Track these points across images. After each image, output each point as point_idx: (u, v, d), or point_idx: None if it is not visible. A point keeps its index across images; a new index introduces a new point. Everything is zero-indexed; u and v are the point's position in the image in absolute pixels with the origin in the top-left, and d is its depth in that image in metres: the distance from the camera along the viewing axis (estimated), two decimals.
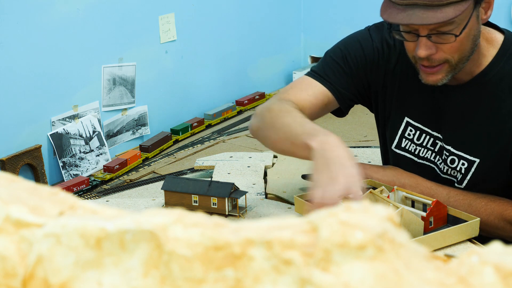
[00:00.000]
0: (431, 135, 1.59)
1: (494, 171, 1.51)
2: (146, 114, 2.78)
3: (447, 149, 1.56)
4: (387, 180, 1.55)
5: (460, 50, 1.41)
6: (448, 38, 1.39)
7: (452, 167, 1.55)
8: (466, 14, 1.38)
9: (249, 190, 1.73)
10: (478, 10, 1.41)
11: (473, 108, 1.52)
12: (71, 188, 2.23)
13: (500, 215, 1.47)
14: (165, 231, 0.53)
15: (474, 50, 1.44)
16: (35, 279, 0.54)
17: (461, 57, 1.43)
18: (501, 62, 1.49)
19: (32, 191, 0.63)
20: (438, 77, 1.44)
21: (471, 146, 1.53)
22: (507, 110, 1.48)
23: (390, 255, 0.50)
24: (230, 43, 3.23)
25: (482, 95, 1.51)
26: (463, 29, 1.38)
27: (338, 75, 1.62)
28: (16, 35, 2.22)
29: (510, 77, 1.47)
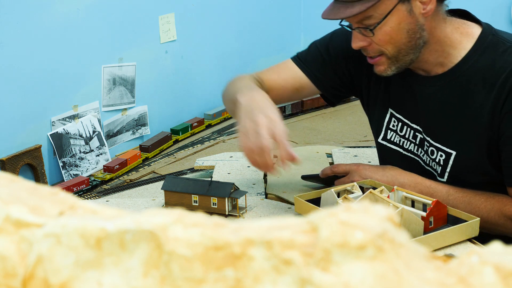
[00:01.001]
0: (411, 127, 1.63)
1: (472, 164, 1.53)
2: (146, 114, 2.77)
3: (427, 140, 1.59)
4: (386, 180, 1.55)
5: (392, 42, 1.48)
6: (368, 32, 1.48)
7: (432, 158, 1.59)
8: (383, 9, 1.45)
9: (249, 190, 1.73)
10: (409, 4, 1.46)
11: (448, 100, 1.55)
12: (71, 188, 2.23)
13: (499, 211, 1.48)
14: (165, 231, 0.53)
15: (419, 44, 1.49)
16: (35, 279, 0.54)
17: (396, 50, 1.49)
18: (476, 55, 1.51)
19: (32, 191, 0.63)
20: (381, 68, 1.52)
21: (447, 138, 1.56)
22: (480, 104, 1.50)
23: (390, 255, 0.50)
24: (230, 43, 3.23)
25: (456, 88, 1.53)
26: (378, 23, 1.46)
27: (317, 62, 1.73)
28: (16, 35, 2.22)
29: (484, 71, 1.50)
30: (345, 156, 2.02)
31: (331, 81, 1.74)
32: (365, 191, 1.48)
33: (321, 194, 1.51)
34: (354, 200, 1.42)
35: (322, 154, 2.07)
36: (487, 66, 1.49)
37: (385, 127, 1.69)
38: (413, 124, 1.62)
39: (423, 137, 1.59)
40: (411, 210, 1.39)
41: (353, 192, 1.49)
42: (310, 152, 2.09)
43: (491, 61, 1.49)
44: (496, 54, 1.49)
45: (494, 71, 1.48)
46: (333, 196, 1.46)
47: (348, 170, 1.63)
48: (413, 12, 1.47)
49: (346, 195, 1.46)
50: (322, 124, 2.91)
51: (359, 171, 1.60)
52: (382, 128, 1.69)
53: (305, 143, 2.68)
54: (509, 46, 1.49)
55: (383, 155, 1.72)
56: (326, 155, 2.07)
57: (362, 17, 1.47)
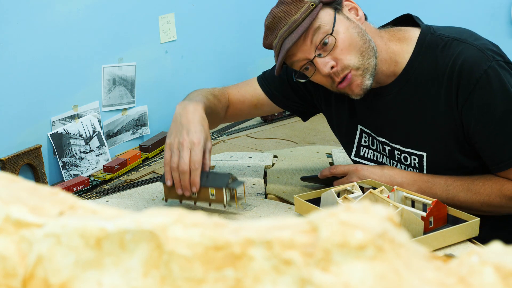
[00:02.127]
0: (378, 141, 1.65)
1: (445, 160, 1.55)
2: (146, 114, 2.77)
3: (397, 148, 1.61)
4: (385, 180, 1.56)
5: (352, 48, 1.50)
6: (330, 42, 1.49)
7: (407, 164, 1.61)
8: (326, 17, 1.50)
9: (249, 190, 1.73)
10: (342, 13, 1.52)
11: (405, 105, 1.57)
12: (71, 188, 2.23)
13: (500, 192, 1.49)
14: (165, 231, 0.53)
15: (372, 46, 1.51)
16: (35, 279, 0.54)
17: (359, 54, 1.50)
18: (419, 57, 1.54)
19: (32, 191, 0.63)
20: (357, 82, 1.52)
21: (414, 142, 1.58)
22: (434, 102, 1.52)
23: (390, 255, 0.50)
24: (230, 43, 3.23)
25: (409, 91, 1.56)
26: (333, 26, 1.49)
27: (277, 80, 1.81)
28: (16, 35, 2.22)
29: (429, 70, 1.52)
30: (345, 156, 2.02)
31: (291, 99, 1.82)
32: (365, 191, 1.48)
33: (321, 194, 1.51)
34: (354, 200, 1.42)
35: (322, 154, 2.07)
36: (431, 65, 1.52)
37: (356, 144, 1.72)
38: (379, 137, 1.65)
39: (392, 147, 1.62)
40: (411, 210, 1.39)
41: (353, 192, 1.49)
42: (310, 152, 2.09)
43: (434, 59, 1.52)
44: (437, 52, 1.52)
45: (438, 68, 1.51)
46: (333, 196, 1.46)
47: (346, 171, 1.64)
48: (350, 19, 1.52)
49: (346, 195, 1.46)
50: (322, 124, 2.91)
51: (357, 172, 1.61)
52: (354, 145, 1.72)
53: (305, 143, 2.68)
54: (446, 40, 1.52)
55: None
56: (326, 155, 2.07)
57: (312, 33, 1.50)
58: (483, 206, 1.49)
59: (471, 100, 1.46)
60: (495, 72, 1.44)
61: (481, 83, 1.44)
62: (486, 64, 1.45)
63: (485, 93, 1.45)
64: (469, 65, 1.46)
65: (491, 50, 1.48)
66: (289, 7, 1.52)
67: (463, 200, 1.50)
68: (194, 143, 1.48)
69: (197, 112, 1.53)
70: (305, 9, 1.49)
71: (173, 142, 1.51)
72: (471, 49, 1.47)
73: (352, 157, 1.74)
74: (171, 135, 1.53)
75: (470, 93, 1.46)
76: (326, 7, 1.51)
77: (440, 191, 1.52)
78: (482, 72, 1.44)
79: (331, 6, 1.52)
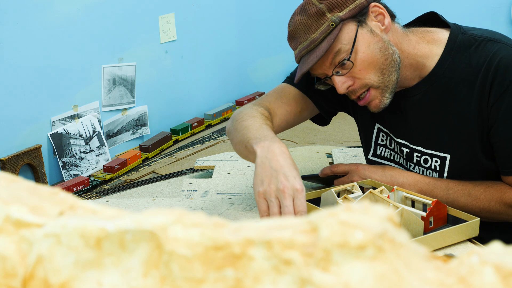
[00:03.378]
0: (396, 142, 1.63)
1: (468, 163, 1.54)
2: (146, 114, 2.78)
3: (418, 150, 1.59)
4: (386, 180, 1.56)
5: (371, 67, 1.47)
6: (347, 65, 1.46)
7: (426, 166, 1.58)
8: (347, 38, 1.46)
9: (249, 190, 1.73)
10: (367, 26, 1.47)
11: (432, 105, 1.55)
12: (71, 188, 2.23)
13: (500, 200, 1.49)
14: (165, 231, 0.53)
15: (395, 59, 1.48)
16: (35, 279, 0.54)
17: (379, 73, 1.47)
18: (449, 57, 1.51)
19: (32, 191, 0.63)
20: (376, 102, 1.50)
21: (438, 143, 1.56)
22: (465, 103, 1.50)
23: (390, 255, 0.50)
24: (230, 43, 3.23)
25: (438, 91, 1.54)
26: (351, 50, 1.45)
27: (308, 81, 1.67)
28: (16, 35, 2.22)
29: (462, 71, 1.50)
30: (345, 156, 2.02)
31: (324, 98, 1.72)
32: (365, 191, 1.48)
33: (321, 194, 1.51)
34: (354, 200, 1.42)
35: (322, 154, 2.07)
36: (464, 65, 1.50)
37: (373, 143, 1.69)
38: (397, 138, 1.62)
39: (411, 149, 1.59)
40: (411, 210, 1.39)
41: (353, 192, 1.49)
42: (310, 152, 2.09)
43: (467, 59, 1.50)
44: (470, 52, 1.50)
45: (472, 68, 1.48)
46: (333, 196, 1.46)
47: (347, 170, 1.63)
48: (374, 32, 1.48)
49: (346, 195, 1.46)
50: None
51: (358, 171, 1.60)
52: (371, 144, 1.70)
53: (305, 143, 2.68)
54: (480, 40, 1.50)
55: None
56: (326, 155, 2.07)
57: (331, 54, 1.47)
58: (482, 212, 1.48)
59: (502, 100, 1.44)
60: None
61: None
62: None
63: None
64: (505, 65, 1.43)
65: None
66: (310, 20, 1.47)
67: (463, 205, 1.50)
68: (298, 190, 1.30)
69: (286, 154, 1.36)
70: (325, 28, 1.45)
71: (269, 190, 1.31)
72: (508, 49, 1.45)
73: (369, 157, 1.70)
74: (263, 183, 1.32)
75: (503, 93, 1.44)
76: (348, 21, 1.46)
77: (440, 194, 1.51)
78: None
79: (354, 19, 1.46)
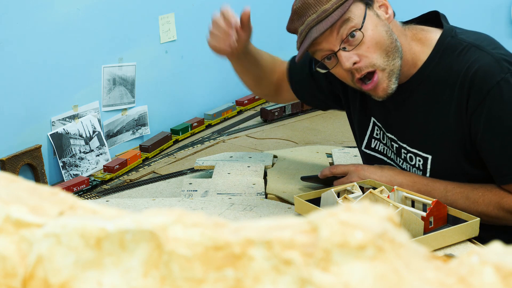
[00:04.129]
0: (387, 136, 1.65)
1: (450, 165, 1.55)
2: (146, 114, 2.77)
3: (404, 147, 1.61)
4: (385, 180, 1.56)
5: (378, 46, 1.48)
6: (357, 37, 1.47)
7: (412, 164, 1.61)
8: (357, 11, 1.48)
9: (249, 190, 1.73)
10: (373, 10, 1.50)
11: (417, 106, 1.57)
12: (71, 188, 2.23)
13: (498, 205, 1.49)
14: (165, 231, 0.53)
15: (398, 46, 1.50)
16: (35, 279, 0.54)
17: (385, 54, 1.48)
18: (435, 59, 1.53)
19: (32, 191, 0.63)
20: (383, 85, 1.50)
21: (421, 143, 1.57)
22: (445, 106, 1.52)
23: (390, 255, 0.50)
24: None
25: (422, 93, 1.55)
26: (363, 22, 1.47)
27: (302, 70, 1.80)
28: (16, 35, 2.22)
29: (444, 74, 1.51)
30: (345, 156, 2.02)
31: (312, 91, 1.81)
32: (365, 191, 1.48)
33: (321, 194, 1.51)
34: (354, 200, 1.42)
35: (322, 154, 2.07)
36: (446, 69, 1.51)
37: (368, 135, 1.71)
38: (388, 133, 1.64)
39: (399, 145, 1.62)
40: (411, 210, 1.39)
41: (353, 192, 1.49)
42: (310, 152, 2.09)
43: (449, 63, 1.51)
44: (453, 56, 1.50)
45: (453, 72, 1.49)
46: (333, 196, 1.46)
47: (346, 170, 1.64)
48: (380, 17, 1.51)
49: (346, 195, 1.46)
50: (322, 124, 2.91)
51: (357, 172, 1.61)
52: (365, 137, 1.72)
53: (305, 143, 2.68)
54: (465, 45, 1.50)
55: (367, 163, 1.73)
56: (326, 155, 2.07)
57: (342, 27, 1.47)
58: (481, 216, 1.48)
59: (481, 109, 1.45)
60: (508, 84, 1.43)
61: (492, 93, 1.43)
62: (499, 75, 1.43)
63: (495, 104, 1.44)
64: (482, 74, 1.44)
65: (509, 61, 1.46)
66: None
67: (461, 208, 1.49)
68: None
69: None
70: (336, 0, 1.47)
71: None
72: (487, 58, 1.46)
73: (362, 148, 1.72)
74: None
75: (481, 102, 1.45)
76: (357, 1, 1.49)
77: (438, 196, 1.51)
78: (495, 83, 1.43)
79: (363, 1, 1.49)
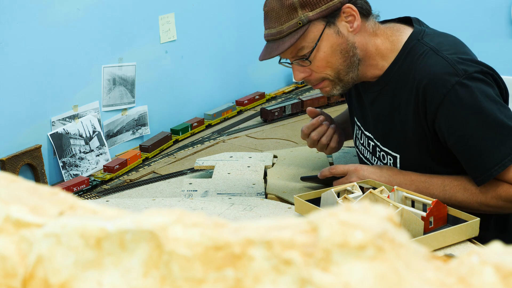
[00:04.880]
0: (365, 135, 1.69)
1: (417, 164, 1.57)
2: (146, 114, 2.77)
3: (378, 145, 1.65)
4: (384, 180, 1.57)
5: (329, 66, 1.53)
6: (305, 62, 1.52)
7: (384, 162, 1.64)
8: (312, 37, 1.50)
9: (249, 190, 1.73)
10: (336, 26, 1.51)
11: (384, 106, 1.60)
12: (71, 188, 2.23)
13: (495, 194, 1.49)
14: (165, 231, 0.53)
15: (354, 61, 1.53)
16: (35, 279, 0.54)
17: (336, 72, 1.54)
18: (400, 61, 1.55)
19: (32, 191, 0.63)
20: (326, 90, 1.58)
21: (390, 142, 1.61)
22: (405, 107, 1.54)
23: (390, 255, 0.50)
24: (230, 43, 3.23)
25: (387, 93, 1.58)
26: (311, 51, 1.51)
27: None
28: (16, 35, 2.22)
29: (404, 75, 1.53)
30: (345, 156, 2.02)
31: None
32: (365, 191, 1.48)
33: (321, 194, 1.51)
34: (354, 200, 1.42)
35: (322, 154, 2.07)
36: (406, 72, 1.53)
37: (355, 134, 1.77)
38: (366, 131, 1.68)
39: (374, 143, 1.65)
40: (411, 210, 1.39)
41: (353, 192, 1.49)
42: (310, 152, 2.09)
43: (409, 67, 1.53)
44: (413, 60, 1.52)
45: (410, 77, 1.52)
46: (333, 196, 1.46)
47: (346, 171, 1.64)
48: (341, 33, 1.52)
49: (346, 195, 1.46)
50: None
51: (357, 172, 1.61)
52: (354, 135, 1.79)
53: (305, 143, 2.67)
54: (424, 50, 1.52)
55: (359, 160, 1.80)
56: (326, 155, 2.07)
57: (294, 50, 1.52)
58: (482, 206, 1.49)
59: (440, 115, 1.47)
60: (465, 87, 1.44)
61: (448, 98, 1.45)
62: (454, 79, 1.44)
63: (453, 108, 1.45)
64: (434, 83, 1.46)
65: (466, 63, 1.46)
66: (282, 11, 1.51)
67: (461, 200, 1.50)
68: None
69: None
70: (293, 24, 1.49)
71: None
72: (441, 63, 1.47)
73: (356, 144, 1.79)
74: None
75: (438, 108, 1.47)
76: (318, 21, 1.50)
77: (437, 191, 1.52)
78: (450, 87, 1.45)
79: (324, 19, 1.51)
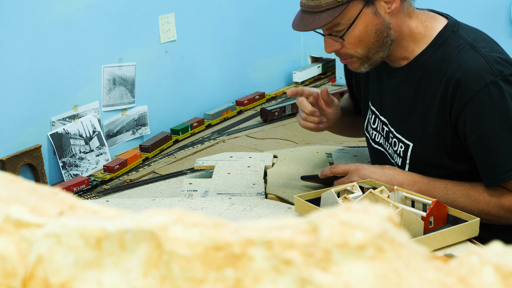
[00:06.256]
0: (380, 120, 1.68)
1: (429, 156, 1.56)
2: (146, 114, 2.77)
3: (392, 131, 1.64)
4: (385, 180, 1.56)
5: (361, 45, 1.53)
6: (338, 38, 1.53)
7: (395, 150, 1.63)
8: (349, 16, 1.50)
9: (249, 190, 1.73)
10: (374, 6, 1.50)
11: (406, 92, 1.59)
12: (71, 188, 2.23)
13: (498, 202, 1.49)
14: (165, 231, 0.53)
15: (387, 42, 1.53)
16: (35, 279, 0.54)
17: (366, 50, 1.53)
18: (432, 50, 1.54)
19: (32, 191, 0.63)
20: (354, 66, 1.58)
21: (406, 130, 1.60)
22: (431, 97, 1.53)
23: (390, 255, 0.50)
24: (230, 43, 3.23)
25: (413, 81, 1.57)
26: (346, 30, 1.50)
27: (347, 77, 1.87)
28: (16, 35, 2.22)
29: (436, 66, 1.53)
30: (345, 156, 2.02)
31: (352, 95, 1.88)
32: (365, 191, 1.48)
33: (321, 194, 1.51)
34: (354, 200, 1.42)
35: (322, 154, 2.07)
36: (438, 62, 1.52)
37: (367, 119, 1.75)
38: (381, 116, 1.67)
39: (389, 129, 1.64)
40: (411, 210, 1.39)
41: (353, 192, 1.49)
42: (310, 152, 2.09)
43: (442, 58, 1.52)
44: (448, 51, 1.51)
45: (442, 68, 1.51)
46: (333, 196, 1.46)
47: (347, 170, 1.64)
48: (378, 13, 1.51)
49: (346, 195, 1.46)
50: None
51: (358, 171, 1.61)
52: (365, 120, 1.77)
53: (305, 143, 2.67)
54: (461, 43, 1.51)
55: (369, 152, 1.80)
56: (326, 155, 2.07)
57: (331, 25, 1.51)
58: (482, 214, 1.48)
59: (467, 111, 1.46)
60: (498, 87, 1.43)
61: (479, 96, 1.43)
62: (489, 78, 1.43)
63: (482, 107, 1.44)
64: (467, 79, 1.45)
65: (503, 64, 1.45)
66: None
67: (462, 206, 1.49)
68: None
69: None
70: (332, 1, 1.48)
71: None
72: (479, 60, 1.46)
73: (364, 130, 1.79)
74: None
75: (467, 103, 1.45)
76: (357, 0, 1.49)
77: (439, 194, 1.52)
78: (484, 85, 1.43)
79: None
